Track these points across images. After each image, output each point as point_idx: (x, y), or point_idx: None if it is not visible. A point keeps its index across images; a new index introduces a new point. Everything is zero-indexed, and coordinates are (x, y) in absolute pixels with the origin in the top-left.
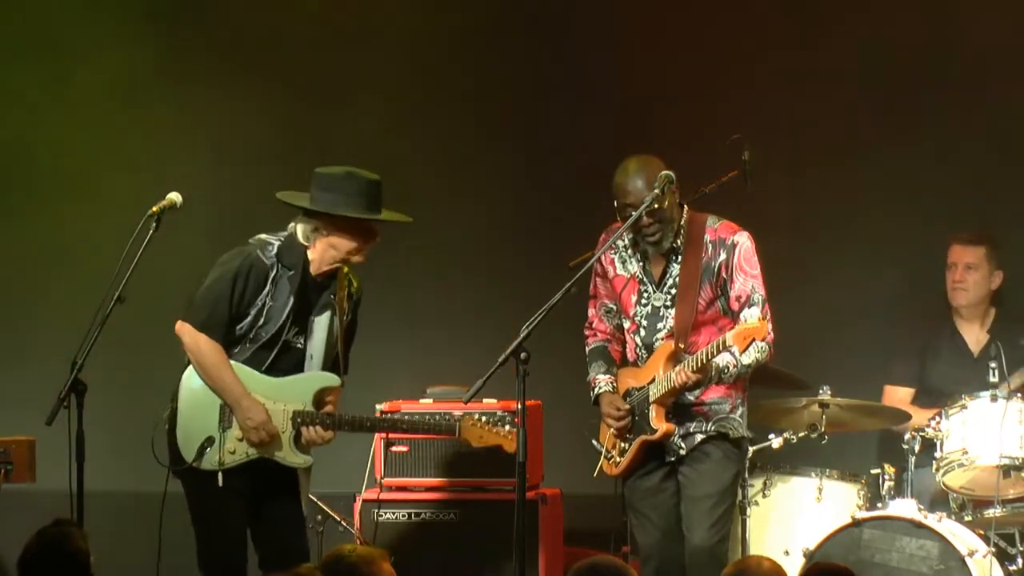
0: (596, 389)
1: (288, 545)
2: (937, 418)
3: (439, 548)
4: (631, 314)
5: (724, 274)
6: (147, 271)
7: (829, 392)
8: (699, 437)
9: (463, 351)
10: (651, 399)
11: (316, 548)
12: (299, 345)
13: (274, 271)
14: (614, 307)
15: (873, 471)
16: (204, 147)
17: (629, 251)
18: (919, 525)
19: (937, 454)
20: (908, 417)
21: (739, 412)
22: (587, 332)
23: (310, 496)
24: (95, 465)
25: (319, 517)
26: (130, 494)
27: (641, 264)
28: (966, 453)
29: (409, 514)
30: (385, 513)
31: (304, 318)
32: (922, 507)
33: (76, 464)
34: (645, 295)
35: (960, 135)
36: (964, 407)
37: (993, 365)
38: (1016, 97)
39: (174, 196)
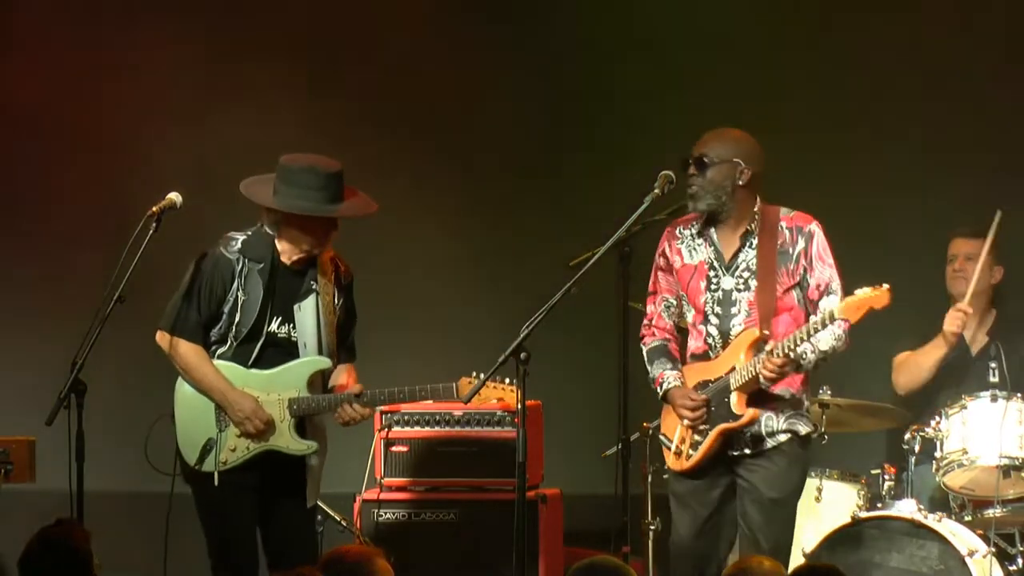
0: (664, 384)
1: (296, 548)
2: (937, 418)
3: (439, 548)
4: (700, 302)
5: (804, 262)
6: (148, 271)
7: (829, 392)
8: (769, 444)
9: (463, 351)
10: (732, 387)
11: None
12: (285, 335)
13: (240, 265)
14: (675, 301)
15: (873, 471)
16: (205, 145)
17: (697, 239)
18: (919, 525)
19: (937, 454)
20: (909, 417)
21: (804, 406)
22: (644, 331)
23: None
24: (95, 465)
25: (319, 517)
26: (130, 494)
27: (712, 248)
28: (966, 453)
29: (409, 514)
30: (385, 513)
31: (285, 308)
32: (922, 507)
33: (76, 464)
34: (715, 280)
35: (962, 135)
36: (964, 407)
37: (993, 365)
38: (1017, 96)
39: (174, 196)
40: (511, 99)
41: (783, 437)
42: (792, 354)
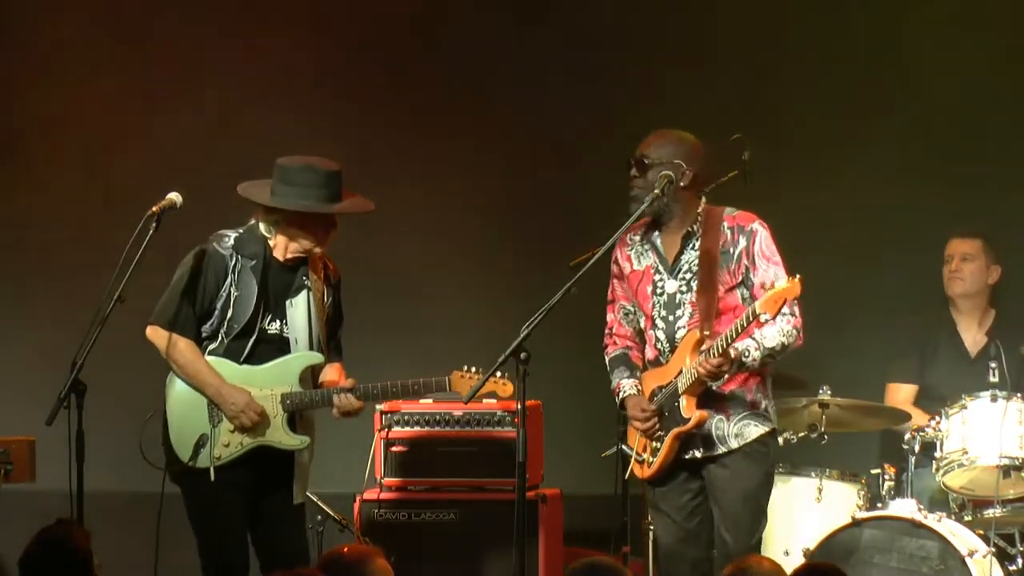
0: (621, 394)
1: (287, 546)
2: (937, 418)
3: (439, 548)
4: (648, 307)
5: (746, 261)
6: (147, 271)
7: (829, 392)
8: (720, 448)
9: (463, 351)
10: (680, 390)
11: (316, 548)
12: (276, 331)
13: (233, 261)
14: (632, 308)
15: (873, 471)
16: (208, 145)
17: (643, 244)
18: (919, 525)
19: (937, 454)
20: (908, 417)
21: (763, 406)
22: (607, 340)
23: (308, 495)
24: (95, 465)
25: (319, 517)
26: (130, 494)
27: (655, 252)
28: (966, 453)
29: (409, 514)
30: (385, 513)
31: (277, 305)
32: (922, 507)
33: (76, 464)
34: (660, 284)
35: (961, 135)
36: (964, 407)
37: (993, 365)
38: (1017, 96)
39: (174, 196)
40: (512, 99)
41: (734, 443)
42: (732, 352)
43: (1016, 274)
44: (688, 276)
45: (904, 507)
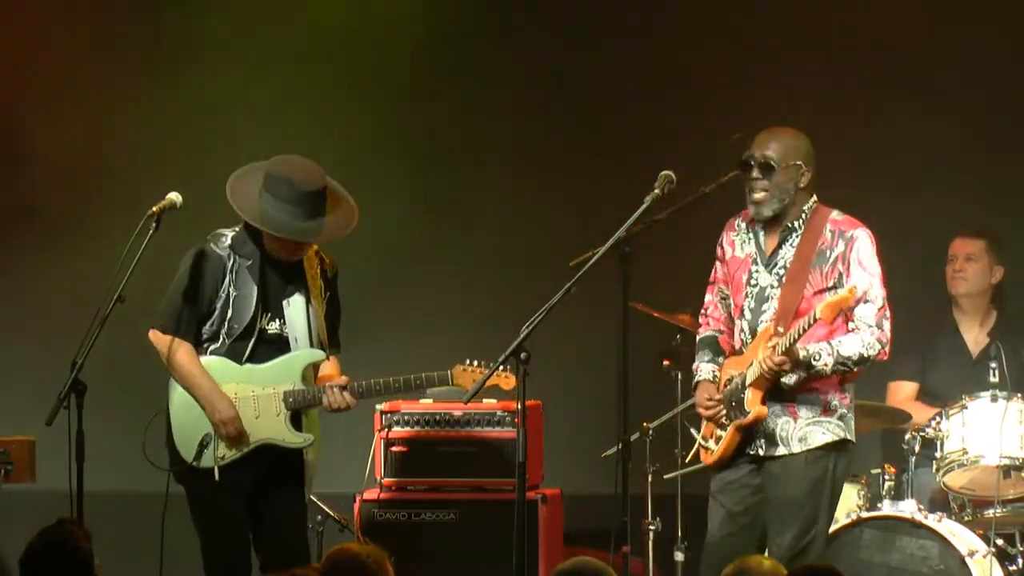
0: (696, 377)
1: (289, 546)
2: (937, 418)
3: (439, 548)
4: (740, 296)
5: (840, 266)
6: (147, 271)
7: None
8: (781, 450)
9: (463, 351)
10: (747, 382)
11: (316, 548)
12: (275, 331)
13: (231, 261)
14: (728, 293)
15: (873, 471)
16: (208, 145)
17: (747, 233)
18: (919, 525)
19: (937, 454)
20: (909, 417)
21: (837, 413)
22: (701, 319)
23: (311, 497)
24: (95, 465)
25: (319, 517)
26: (131, 494)
27: (755, 243)
28: (966, 453)
29: (409, 514)
30: (385, 513)
31: (275, 304)
32: (922, 507)
33: (76, 464)
34: (756, 275)
35: (963, 135)
36: (964, 407)
37: (993, 365)
38: (1020, 97)
39: (174, 196)
40: (513, 98)
41: (797, 447)
42: (802, 353)
43: (1018, 274)
44: (781, 272)
45: (904, 507)
